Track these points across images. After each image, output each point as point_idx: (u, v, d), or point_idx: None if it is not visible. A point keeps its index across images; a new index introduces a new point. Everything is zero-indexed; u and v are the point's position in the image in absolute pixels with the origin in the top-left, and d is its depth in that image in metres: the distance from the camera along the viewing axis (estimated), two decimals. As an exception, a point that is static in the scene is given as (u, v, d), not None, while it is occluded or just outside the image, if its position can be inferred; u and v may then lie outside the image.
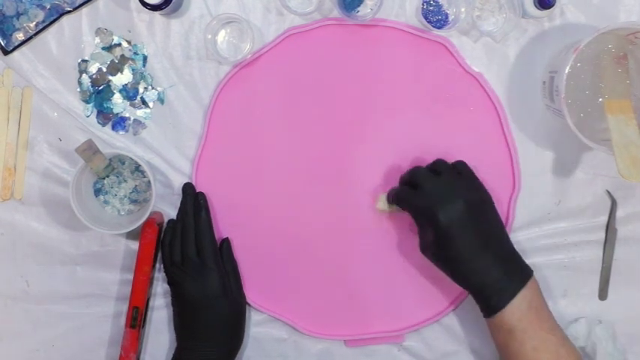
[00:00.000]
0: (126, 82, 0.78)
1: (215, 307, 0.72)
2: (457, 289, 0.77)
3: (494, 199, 0.70)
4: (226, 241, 0.77)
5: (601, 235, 0.78)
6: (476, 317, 0.72)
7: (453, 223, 0.66)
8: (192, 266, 0.73)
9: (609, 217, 0.78)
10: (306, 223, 0.78)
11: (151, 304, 0.78)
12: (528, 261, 0.77)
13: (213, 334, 0.72)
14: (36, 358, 0.79)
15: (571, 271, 0.78)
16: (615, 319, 0.78)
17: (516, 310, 0.66)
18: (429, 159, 0.76)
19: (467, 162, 0.73)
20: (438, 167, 0.72)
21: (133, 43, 0.78)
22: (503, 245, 0.69)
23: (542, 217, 0.78)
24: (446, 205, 0.67)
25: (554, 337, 0.67)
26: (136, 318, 0.74)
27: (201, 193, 0.76)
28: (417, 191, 0.69)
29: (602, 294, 0.78)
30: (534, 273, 0.68)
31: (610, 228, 0.78)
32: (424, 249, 0.71)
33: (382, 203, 0.75)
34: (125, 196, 0.78)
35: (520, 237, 0.78)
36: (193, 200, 0.76)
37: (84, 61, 0.78)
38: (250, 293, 0.78)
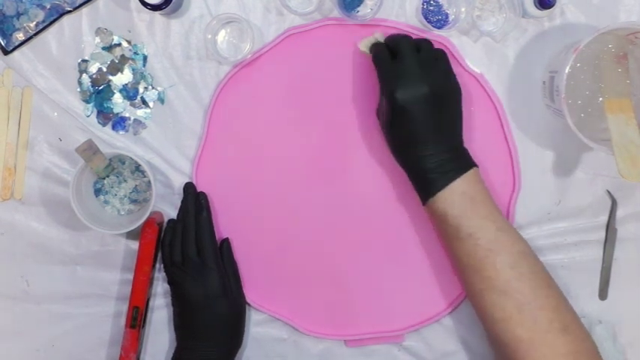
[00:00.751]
0: (126, 82, 0.78)
1: (215, 307, 0.72)
2: (457, 289, 0.77)
3: (493, 199, 0.70)
4: (226, 242, 0.77)
5: (601, 235, 0.78)
6: (476, 317, 0.71)
7: (406, 106, 0.66)
8: (192, 266, 0.73)
9: (609, 217, 0.78)
10: (307, 222, 0.78)
11: (150, 304, 0.78)
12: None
13: (213, 334, 0.72)
14: (36, 358, 0.79)
15: (571, 271, 0.78)
16: (615, 319, 0.78)
17: (450, 196, 0.67)
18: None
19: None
20: (421, 45, 0.70)
21: (133, 43, 0.78)
22: (450, 137, 0.69)
23: (543, 216, 0.78)
24: (408, 86, 0.66)
25: (491, 224, 0.67)
26: (136, 318, 0.74)
27: (202, 193, 0.76)
28: (392, 60, 0.69)
29: (603, 294, 0.78)
30: None
31: (610, 228, 0.78)
32: (378, 113, 0.72)
33: (364, 46, 0.73)
34: (125, 196, 0.78)
35: (520, 237, 0.78)
36: (194, 200, 0.76)
37: (84, 61, 0.78)
38: (250, 293, 0.78)
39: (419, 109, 0.66)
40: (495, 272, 0.65)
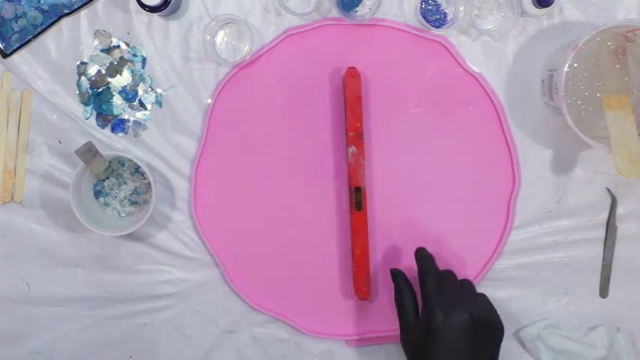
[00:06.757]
0: (125, 84, 0.78)
1: None
2: (458, 288, 0.77)
3: (494, 199, 0.69)
4: None
5: (601, 232, 0.78)
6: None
7: (442, 331, 0.62)
8: None
9: (609, 215, 0.78)
10: (308, 222, 0.78)
11: (153, 305, 0.78)
12: (529, 260, 0.78)
13: None
14: (37, 360, 0.79)
15: (572, 269, 0.78)
16: (616, 317, 0.78)
17: None
18: (428, 158, 0.76)
19: (467, 161, 0.73)
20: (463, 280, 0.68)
21: (131, 45, 0.78)
22: None
23: (543, 215, 0.78)
24: (450, 311, 0.63)
25: None
26: (360, 202, 0.72)
27: None
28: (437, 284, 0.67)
29: (603, 292, 0.78)
30: (534, 271, 0.67)
31: (610, 225, 0.78)
32: (403, 324, 0.68)
33: None
34: (125, 198, 0.78)
35: (521, 235, 0.78)
36: None
37: (83, 63, 0.78)
38: (252, 293, 0.78)
39: (455, 338, 0.62)
40: None
